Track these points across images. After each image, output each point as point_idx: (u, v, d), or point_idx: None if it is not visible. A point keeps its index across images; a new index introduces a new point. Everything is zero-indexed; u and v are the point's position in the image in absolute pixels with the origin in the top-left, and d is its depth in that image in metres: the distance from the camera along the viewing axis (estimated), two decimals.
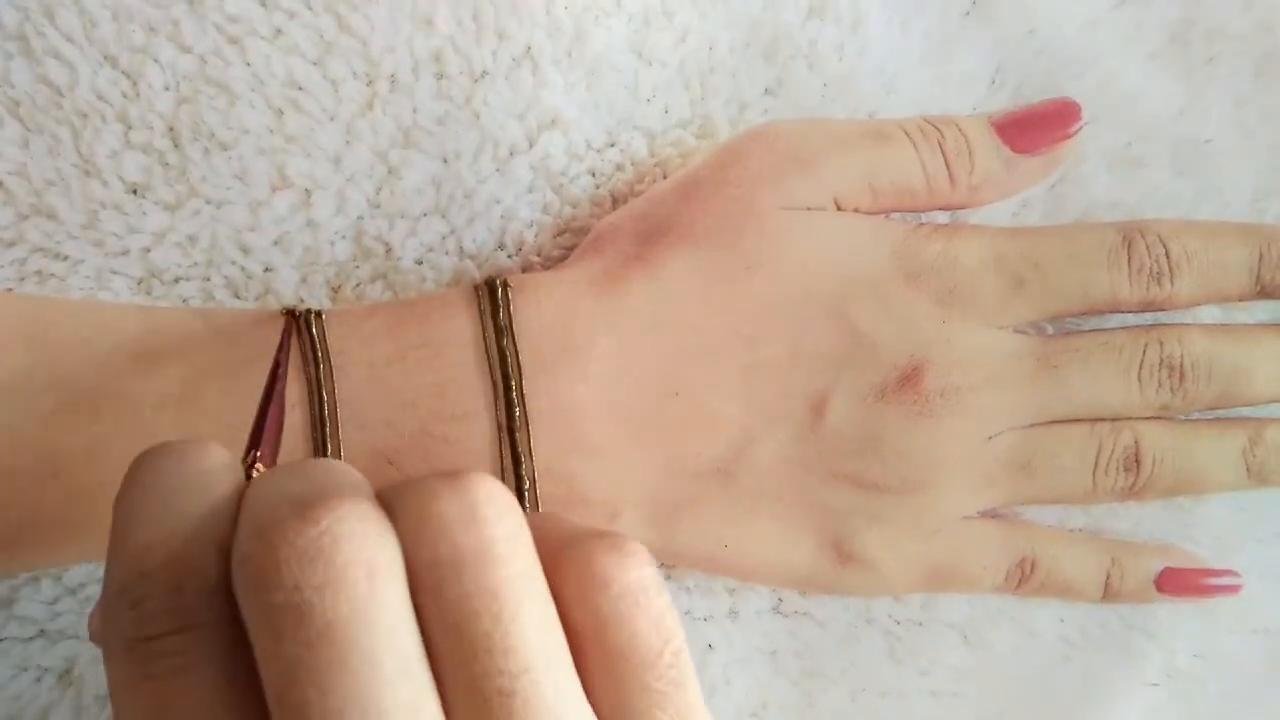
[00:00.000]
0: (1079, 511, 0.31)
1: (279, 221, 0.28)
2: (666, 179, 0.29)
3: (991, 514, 0.30)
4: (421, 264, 0.29)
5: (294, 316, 0.26)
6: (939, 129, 0.28)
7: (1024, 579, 0.29)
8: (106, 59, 0.27)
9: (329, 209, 0.28)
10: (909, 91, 0.30)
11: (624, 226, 0.28)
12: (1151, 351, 0.29)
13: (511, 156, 0.29)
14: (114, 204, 0.27)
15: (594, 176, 0.30)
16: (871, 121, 0.30)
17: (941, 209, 0.29)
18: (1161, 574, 0.30)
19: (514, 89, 0.28)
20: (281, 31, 0.28)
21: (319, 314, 0.26)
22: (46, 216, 0.27)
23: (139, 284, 0.28)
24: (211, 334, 0.26)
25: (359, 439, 0.26)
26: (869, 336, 0.27)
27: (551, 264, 0.29)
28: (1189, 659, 0.32)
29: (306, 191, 0.28)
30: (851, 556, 0.28)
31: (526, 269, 0.29)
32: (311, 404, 0.25)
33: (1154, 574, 0.30)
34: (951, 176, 0.28)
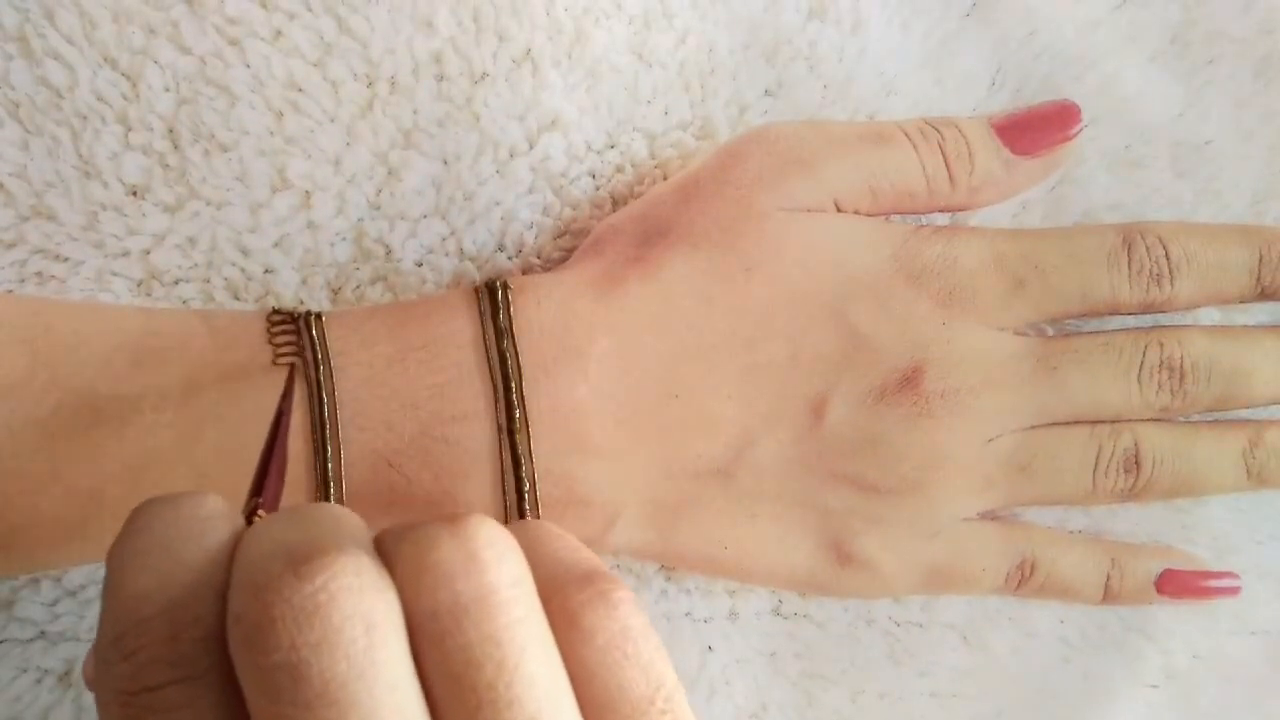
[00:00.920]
0: (1079, 513, 0.31)
1: (279, 223, 0.28)
2: (666, 181, 0.29)
3: (991, 515, 0.30)
4: (422, 266, 0.29)
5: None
6: (939, 130, 0.28)
7: (1023, 580, 0.30)
8: (106, 60, 0.27)
9: (329, 211, 0.28)
10: (909, 93, 0.30)
11: (624, 228, 0.28)
12: (1151, 353, 0.29)
13: (511, 158, 0.29)
14: (114, 205, 0.27)
15: (594, 178, 0.30)
16: (871, 123, 0.30)
17: (941, 210, 0.29)
18: (1161, 576, 0.30)
19: (514, 91, 0.28)
20: (281, 33, 0.28)
21: (319, 315, 0.26)
22: (46, 218, 0.27)
23: (139, 286, 0.28)
24: (211, 335, 0.26)
25: (359, 440, 0.26)
26: (869, 338, 0.27)
27: (552, 266, 0.29)
28: (1188, 660, 0.32)
29: (307, 193, 0.28)
30: (851, 557, 0.28)
31: (526, 271, 0.29)
32: (312, 405, 0.25)
33: (1153, 576, 0.30)
34: (951, 178, 0.28)
